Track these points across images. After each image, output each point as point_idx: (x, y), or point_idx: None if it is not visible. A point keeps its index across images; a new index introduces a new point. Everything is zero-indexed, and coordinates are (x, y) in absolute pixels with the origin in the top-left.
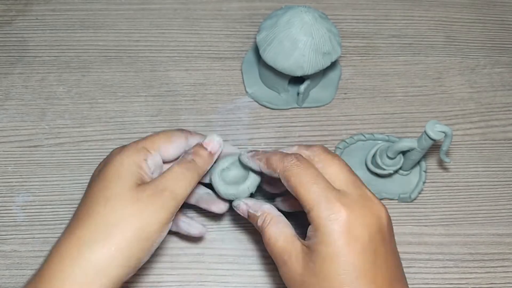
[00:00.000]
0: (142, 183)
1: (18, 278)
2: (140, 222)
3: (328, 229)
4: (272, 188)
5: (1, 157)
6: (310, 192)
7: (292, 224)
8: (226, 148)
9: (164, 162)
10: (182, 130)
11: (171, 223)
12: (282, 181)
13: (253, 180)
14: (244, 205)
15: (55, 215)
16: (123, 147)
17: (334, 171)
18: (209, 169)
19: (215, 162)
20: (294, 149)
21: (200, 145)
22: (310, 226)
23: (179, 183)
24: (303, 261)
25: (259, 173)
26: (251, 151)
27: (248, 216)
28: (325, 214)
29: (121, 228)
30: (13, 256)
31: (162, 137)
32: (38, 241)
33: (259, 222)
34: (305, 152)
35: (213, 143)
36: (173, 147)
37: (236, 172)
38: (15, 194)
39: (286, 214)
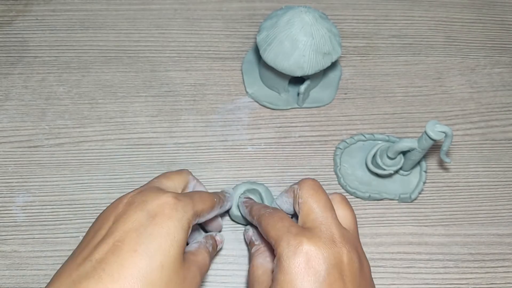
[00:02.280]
0: (181, 253)
1: (18, 279)
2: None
3: (286, 258)
4: None
5: (1, 157)
6: (275, 229)
7: None
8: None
9: None
10: (219, 197)
11: None
12: (258, 227)
13: None
14: (251, 233)
15: (55, 216)
16: (178, 200)
17: (309, 208)
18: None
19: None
20: (287, 189)
21: (214, 239)
22: (274, 259)
23: (206, 270)
24: None
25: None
26: (246, 197)
27: (249, 242)
28: (285, 244)
29: None
30: (13, 257)
31: (209, 203)
32: (38, 241)
33: (253, 250)
34: (294, 186)
35: (222, 242)
36: (210, 216)
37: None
38: (15, 195)
39: None
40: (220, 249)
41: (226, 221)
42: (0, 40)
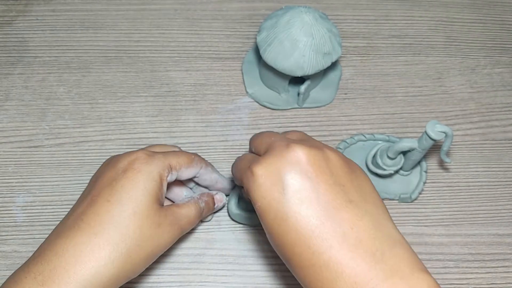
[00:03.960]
0: (159, 203)
1: None
2: (153, 245)
3: (278, 150)
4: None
5: (1, 157)
6: (263, 142)
7: None
8: (226, 185)
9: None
10: (200, 158)
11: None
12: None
13: None
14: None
15: (55, 216)
16: (149, 155)
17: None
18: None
19: (233, 188)
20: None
21: (211, 197)
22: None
23: (189, 223)
24: None
25: None
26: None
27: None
28: (276, 145)
29: (138, 244)
30: (14, 257)
31: (185, 159)
32: (39, 241)
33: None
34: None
35: (221, 201)
36: (190, 172)
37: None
38: (16, 195)
39: None
40: (220, 208)
41: (226, 221)
42: (0, 40)
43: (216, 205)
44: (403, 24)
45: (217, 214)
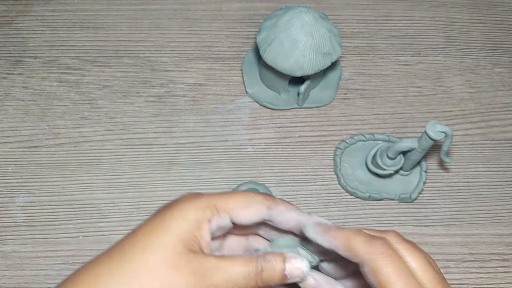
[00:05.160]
0: (189, 250)
1: (18, 279)
2: (165, 284)
3: None
4: (333, 269)
5: (1, 157)
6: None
7: None
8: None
9: (234, 224)
10: (266, 197)
11: None
12: (365, 268)
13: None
14: (313, 281)
15: (55, 216)
16: (194, 196)
17: (418, 266)
18: None
19: (233, 190)
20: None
21: (281, 259)
22: None
23: (227, 284)
24: None
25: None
26: (320, 223)
27: None
28: None
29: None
30: (14, 257)
31: (239, 199)
32: (39, 241)
33: None
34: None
35: (297, 268)
36: (249, 214)
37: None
38: (16, 195)
39: None
40: (297, 281)
41: None
42: (0, 40)
43: (286, 271)
44: (403, 24)
45: None
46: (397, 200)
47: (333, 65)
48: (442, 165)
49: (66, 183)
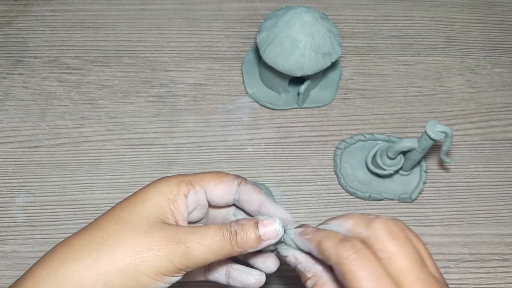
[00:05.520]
0: (164, 222)
1: None
2: (137, 259)
3: None
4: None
5: (1, 157)
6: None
7: None
8: (275, 211)
9: (210, 207)
10: (237, 176)
11: (176, 277)
12: (335, 271)
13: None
14: (293, 259)
15: (55, 216)
16: (170, 176)
17: (402, 266)
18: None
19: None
20: (349, 225)
21: (254, 222)
22: None
23: (202, 247)
24: None
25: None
26: (300, 226)
27: (296, 269)
28: None
29: (115, 255)
30: (13, 257)
31: (212, 175)
32: (38, 241)
33: (309, 285)
34: (363, 232)
35: (270, 229)
36: (222, 188)
37: None
38: (16, 195)
39: None
40: (273, 243)
41: None
42: (0, 40)
43: (259, 231)
44: (403, 24)
45: None
46: (397, 200)
47: (333, 65)
48: (442, 165)
49: (66, 183)
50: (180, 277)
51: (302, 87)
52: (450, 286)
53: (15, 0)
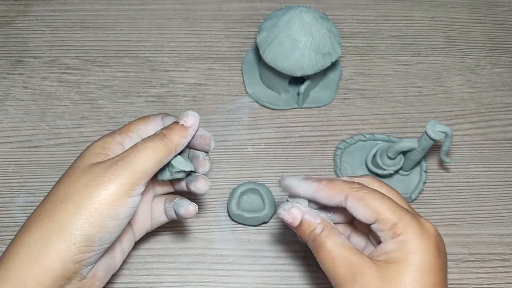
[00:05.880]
0: (93, 162)
1: None
2: (89, 193)
3: (421, 242)
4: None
5: (1, 157)
6: (392, 208)
7: None
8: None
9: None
10: (158, 114)
11: (132, 198)
12: (351, 204)
13: (269, 211)
14: (298, 210)
15: None
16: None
17: (394, 199)
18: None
19: (233, 189)
20: (344, 179)
21: (175, 120)
22: (388, 241)
23: (139, 153)
24: (380, 272)
25: (273, 205)
26: (301, 177)
27: (301, 223)
28: (416, 227)
29: (68, 202)
30: None
31: (139, 120)
32: None
33: (318, 230)
34: (356, 178)
35: (187, 117)
36: (150, 127)
37: (252, 199)
38: (16, 195)
39: None
40: (198, 128)
41: (226, 221)
42: (0, 40)
43: (182, 122)
44: (403, 24)
45: (217, 214)
46: None
47: (333, 65)
48: (442, 165)
49: None
50: (139, 197)
51: (302, 87)
52: (450, 286)
53: (15, 0)
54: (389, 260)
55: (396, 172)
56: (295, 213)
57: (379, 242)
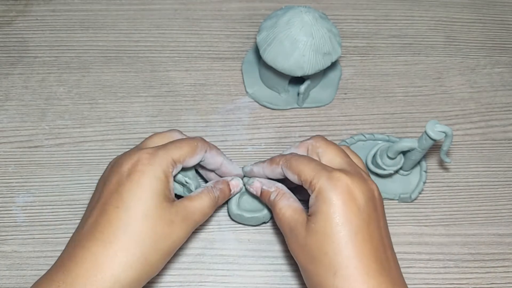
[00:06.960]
0: (168, 200)
1: (18, 279)
2: (168, 243)
3: (329, 191)
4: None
5: (1, 157)
6: (309, 168)
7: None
8: (232, 169)
9: None
10: (203, 142)
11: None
12: (284, 172)
13: (269, 211)
14: (258, 183)
15: (55, 216)
16: (151, 154)
17: (332, 155)
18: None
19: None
20: (296, 145)
21: (226, 184)
22: (311, 197)
23: (203, 215)
24: (307, 225)
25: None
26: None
27: (261, 193)
28: (325, 179)
29: (152, 246)
30: (14, 257)
31: (187, 149)
32: (39, 241)
33: (272, 197)
34: (307, 141)
35: (237, 186)
36: (194, 160)
37: (252, 199)
38: (16, 195)
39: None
40: (237, 193)
41: (226, 221)
42: (0, 40)
43: (232, 191)
44: (403, 24)
45: (217, 214)
46: (397, 200)
47: (333, 65)
48: (442, 165)
49: (66, 183)
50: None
51: (302, 87)
52: (450, 286)
53: (15, 0)
54: (312, 213)
55: (396, 172)
56: (256, 185)
57: None
